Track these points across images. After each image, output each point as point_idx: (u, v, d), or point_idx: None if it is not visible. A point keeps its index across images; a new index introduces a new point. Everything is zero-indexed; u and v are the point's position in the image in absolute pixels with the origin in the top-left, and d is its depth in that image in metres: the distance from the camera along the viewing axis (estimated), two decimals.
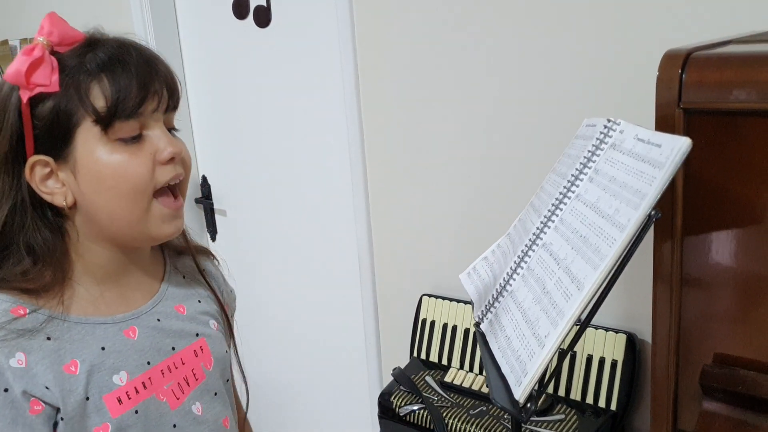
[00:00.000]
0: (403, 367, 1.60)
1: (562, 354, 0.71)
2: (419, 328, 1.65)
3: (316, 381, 2.19)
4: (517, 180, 1.48)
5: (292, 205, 2.06)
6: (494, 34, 1.43)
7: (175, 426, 0.85)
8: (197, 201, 2.34)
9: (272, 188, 2.11)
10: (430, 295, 1.65)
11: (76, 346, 0.79)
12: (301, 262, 2.10)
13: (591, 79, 1.31)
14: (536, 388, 0.69)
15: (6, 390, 0.74)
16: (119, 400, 0.80)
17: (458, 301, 1.60)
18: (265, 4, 1.93)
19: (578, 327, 0.71)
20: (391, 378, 1.57)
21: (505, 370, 0.73)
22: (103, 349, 0.81)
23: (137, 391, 0.82)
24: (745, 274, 0.80)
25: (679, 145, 0.65)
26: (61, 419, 0.77)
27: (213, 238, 2.37)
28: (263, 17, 1.95)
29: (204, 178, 2.31)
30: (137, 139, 0.78)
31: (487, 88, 1.47)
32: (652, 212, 0.66)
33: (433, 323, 1.62)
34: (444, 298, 1.62)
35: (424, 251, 1.70)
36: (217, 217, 2.34)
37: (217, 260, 1.05)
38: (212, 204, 2.32)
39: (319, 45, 1.83)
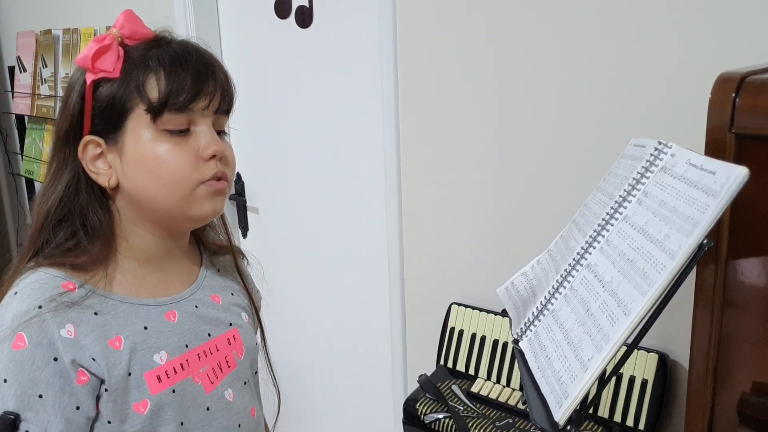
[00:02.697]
0: (429, 374, 1.60)
1: (603, 377, 0.70)
2: (447, 336, 1.64)
3: (340, 384, 2.19)
4: (551, 192, 1.47)
5: (324, 206, 2.07)
6: (540, 47, 1.42)
7: (208, 409, 0.88)
8: (230, 197, 2.36)
9: (305, 188, 2.12)
10: (459, 304, 1.65)
11: (120, 323, 0.83)
12: (331, 264, 2.10)
13: (640, 97, 1.29)
14: (577, 410, 0.68)
15: (55, 359, 0.77)
16: (158, 378, 0.84)
17: (488, 311, 1.59)
18: (307, 4, 1.94)
19: (624, 351, 0.71)
20: (417, 385, 1.57)
21: (544, 390, 0.72)
22: (145, 328, 0.85)
23: (175, 371, 0.86)
24: None
25: (735, 174, 0.64)
26: (105, 390, 0.80)
27: (244, 235, 2.39)
28: (305, 17, 1.96)
29: (238, 175, 2.32)
30: (184, 133, 0.83)
31: (529, 99, 1.46)
32: (705, 241, 0.65)
33: (461, 332, 1.62)
34: (474, 308, 1.62)
35: (455, 259, 1.70)
36: (249, 215, 2.36)
37: (248, 260, 1.10)
38: (245, 201, 2.34)
39: (360, 47, 1.83)
